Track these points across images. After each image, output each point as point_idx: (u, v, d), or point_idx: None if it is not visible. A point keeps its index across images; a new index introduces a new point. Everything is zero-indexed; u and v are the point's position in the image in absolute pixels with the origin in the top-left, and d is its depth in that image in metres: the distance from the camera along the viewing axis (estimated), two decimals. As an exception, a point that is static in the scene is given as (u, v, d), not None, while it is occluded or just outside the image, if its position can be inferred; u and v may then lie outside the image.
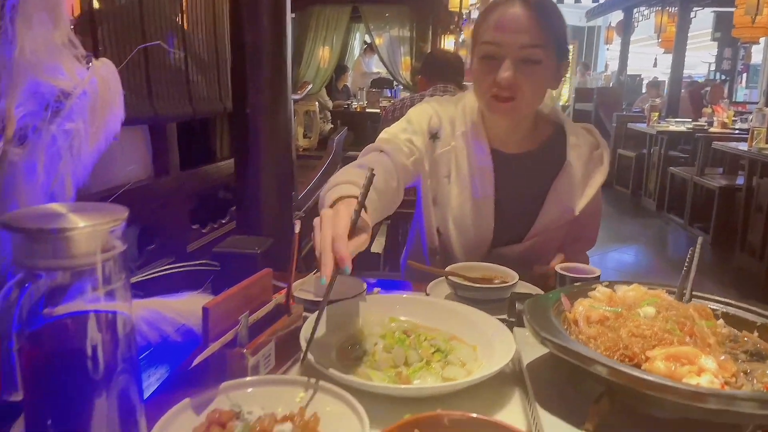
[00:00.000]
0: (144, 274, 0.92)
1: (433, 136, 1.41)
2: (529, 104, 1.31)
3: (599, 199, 1.44)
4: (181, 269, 0.95)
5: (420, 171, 1.41)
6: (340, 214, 0.87)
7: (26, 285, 0.55)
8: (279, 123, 1.82)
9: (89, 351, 0.59)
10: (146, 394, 0.81)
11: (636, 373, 0.63)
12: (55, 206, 0.61)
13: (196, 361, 0.76)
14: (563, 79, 1.36)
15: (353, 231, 0.87)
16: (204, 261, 1.00)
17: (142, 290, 0.94)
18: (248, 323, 0.84)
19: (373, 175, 0.92)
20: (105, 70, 0.87)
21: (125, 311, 0.63)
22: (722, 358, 0.69)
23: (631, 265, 4.87)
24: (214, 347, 0.77)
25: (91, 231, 0.56)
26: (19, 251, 0.56)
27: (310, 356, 0.83)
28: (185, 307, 0.88)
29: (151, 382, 0.92)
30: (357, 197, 0.94)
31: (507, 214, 1.41)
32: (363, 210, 0.94)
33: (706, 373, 0.65)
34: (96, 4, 1.88)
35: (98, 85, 0.85)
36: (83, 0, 1.76)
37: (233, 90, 1.90)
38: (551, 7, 1.28)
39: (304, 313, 0.99)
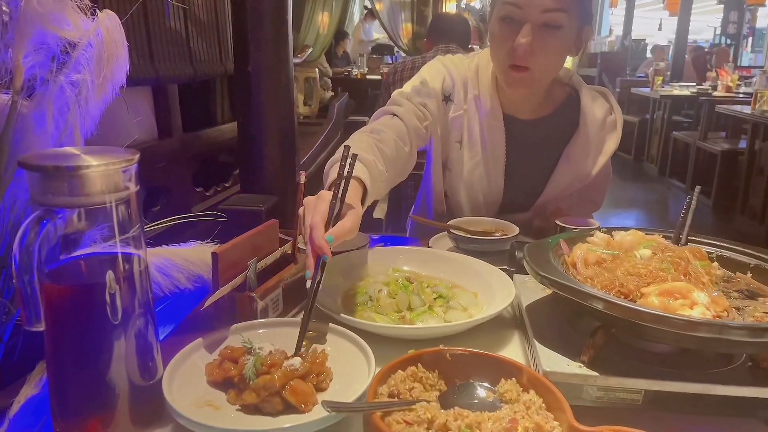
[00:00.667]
0: (153, 224, 0.94)
1: (447, 98, 1.38)
2: (546, 73, 1.27)
3: (609, 164, 1.42)
4: (190, 220, 0.97)
5: (432, 134, 1.38)
6: (320, 200, 0.83)
7: (44, 221, 0.57)
8: (281, 81, 1.82)
9: (107, 290, 0.62)
10: (161, 336, 0.85)
11: (631, 305, 0.65)
12: (69, 148, 0.63)
13: (206, 303, 0.78)
14: (584, 45, 1.28)
15: (337, 218, 0.83)
16: (212, 212, 1.02)
17: (149, 244, 0.96)
18: (256, 269, 0.86)
19: (354, 157, 0.89)
20: (109, 21, 0.88)
21: (140, 253, 0.66)
22: (715, 294, 0.72)
23: (631, 230, 4.88)
24: (224, 290, 0.80)
25: (105, 170, 0.58)
26: (37, 189, 0.58)
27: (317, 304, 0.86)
28: (195, 255, 0.90)
29: (164, 330, 0.95)
30: (357, 177, 0.93)
31: (517, 181, 1.40)
32: (364, 189, 0.93)
33: (698, 306, 0.67)
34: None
35: (103, 37, 0.86)
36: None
37: (235, 50, 1.89)
38: None
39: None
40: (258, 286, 0.87)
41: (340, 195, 0.85)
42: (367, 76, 7.65)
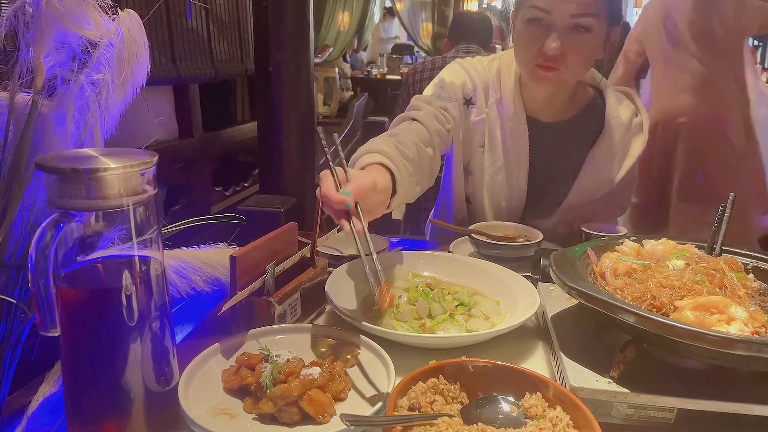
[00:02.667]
0: (171, 227, 0.93)
1: (468, 102, 1.34)
2: (575, 75, 1.23)
3: (635, 167, 1.38)
4: (208, 222, 0.96)
5: (454, 139, 1.35)
6: (322, 178, 0.82)
7: (61, 224, 0.56)
8: (301, 81, 1.81)
9: (123, 294, 0.61)
10: (178, 339, 0.84)
11: (665, 320, 0.62)
12: (87, 150, 0.62)
13: (224, 308, 0.77)
14: (612, 46, 1.25)
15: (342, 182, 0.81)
16: (231, 214, 1.01)
17: (168, 245, 0.95)
18: (275, 273, 0.85)
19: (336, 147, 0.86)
20: (130, 21, 0.87)
21: (157, 257, 0.65)
22: (752, 308, 0.68)
23: (654, 234, 4.79)
24: (242, 295, 0.79)
25: (123, 173, 0.57)
26: (54, 192, 0.57)
27: (337, 304, 0.85)
28: (213, 258, 0.89)
29: (181, 334, 0.94)
30: (380, 163, 0.92)
31: (540, 185, 1.37)
32: (392, 176, 0.92)
33: (735, 321, 0.64)
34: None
35: (124, 36, 0.85)
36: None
37: (255, 50, 1.88)
38: None
39: (329, 268, 1.00)
40: (276, 290, 0.85)
41: (334, 163, 0.82)
42: (387, 76, 7.63)
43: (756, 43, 11.10)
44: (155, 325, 0.64)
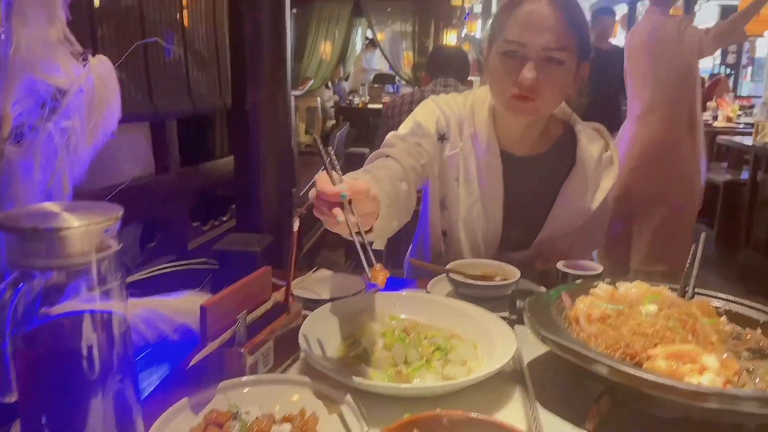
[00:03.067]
0: (142, 273, 0.91)
1: (441, 137, 1.37)
2: (549, 105, 1.28)
3: (607, 200, 1.41)
4: (180, 268, 0.94)
5: (429, 174, 1.36)
6: (317, 178, 0.82)
7: (20, 285, 0.54)
8: (278, 119, 1.81)
9: (84, 351, 0.59)
10: (144, 394, 0.81)
11: (636, 372, 0.62)
12: (50, 205, 0.60)
13: (193, 361, 0.75)
14: (582, 81, 1.30)
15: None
16: (202, 260, 0.99)
17: (140, 289, 0.93)
18: (246, 322, 0.83)
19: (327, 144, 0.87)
20: (102, 67, 0.86)
21: (121, 311, 0.63)
22: (725, 356, 0.68)
23: (634, 262, 4.83)
24: (211, 347, 0.77)
25: (86, 230, 0.56)
26: (14, 251, 0.56)
27: (309, 351, 0.83)
28: (183, 306, 0.87)
29: (149, 382, 0.91)
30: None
31: (515, 218, 1.38)
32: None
33: (707, 371, 0.64)
34: (96, 2, 1.87)
35: (95, 83, 0.84)
36: (82, -3, 1.75)
37: (233, 86, 1.89)
38: (576, 6, 1.24)
39: (304, 311, 0.99)
40: (248, 338, 0.83)
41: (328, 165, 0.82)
42: (369, 105, 7.70)
43: (728, 71, 11.45)
44: (118, 383, 0.61)
